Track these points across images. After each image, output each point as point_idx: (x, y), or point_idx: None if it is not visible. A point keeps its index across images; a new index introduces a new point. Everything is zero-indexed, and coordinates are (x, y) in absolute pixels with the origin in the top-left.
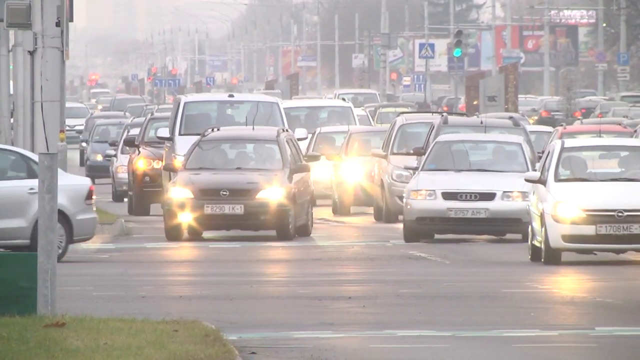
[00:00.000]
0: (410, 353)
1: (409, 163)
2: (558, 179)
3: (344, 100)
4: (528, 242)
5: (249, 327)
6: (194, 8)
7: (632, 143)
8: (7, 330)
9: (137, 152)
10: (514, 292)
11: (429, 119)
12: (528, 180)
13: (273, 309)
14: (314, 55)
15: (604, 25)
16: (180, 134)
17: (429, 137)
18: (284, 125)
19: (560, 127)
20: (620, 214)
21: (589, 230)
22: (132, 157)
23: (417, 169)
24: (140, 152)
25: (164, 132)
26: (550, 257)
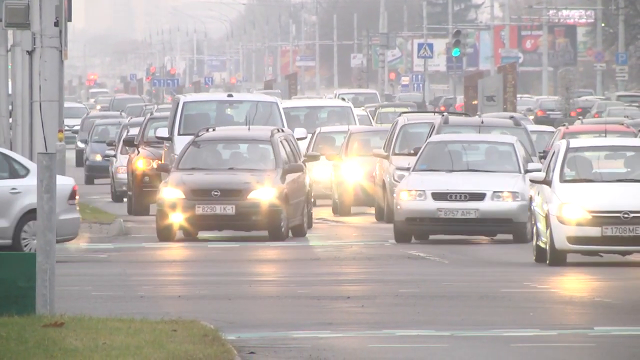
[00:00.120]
0: (409, 353)
1: (403, 163)
2: (563, 180)
3: (344, 100)
4: (532, 242)
5: (248, 326)
6: (193, 8)
7: (637, 143)
8: (5, 330)
9: (136, 152)
10: (513, 292)
11: (431, 119)
12: (533, 181)
13: (272, 309)
14: (313, 55)
15: (603, 25)
16: (179, 134)
17: (430, 137)
18: (284, 125)
19: (563, 126)
20: (626, 216)
21: (595, 232)
22: (131, 157)
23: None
24: (140, 152)
25: (163, 132)
26: (556, 258)
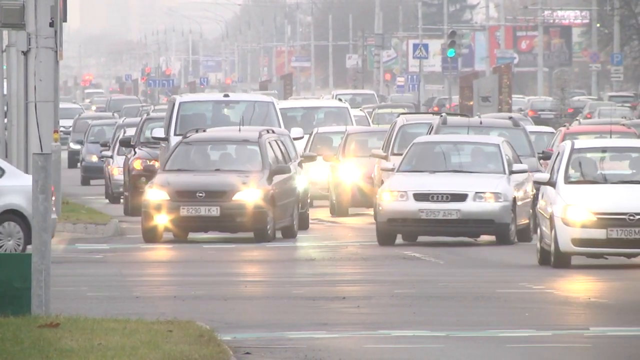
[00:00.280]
0: (405, 353)
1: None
2: (568, 181)
3: (341, 101)
4: (537, 245)
5: (243, 327)
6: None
7: None
8: (1, 331)
9: (133, 152)
10: (508, 292)
11: (430, 120)
12: (537, 182)
13: (267, 309)
14: (308, 56)
15: (598, 26)
16: (176, 134)
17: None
18: (280, 126)
19: (564, 127)
20: (632, 218)
21: (600, 234)
22: (127, 157)
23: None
24: (136, 152)
25: (159, 132)
26: (560, 261)
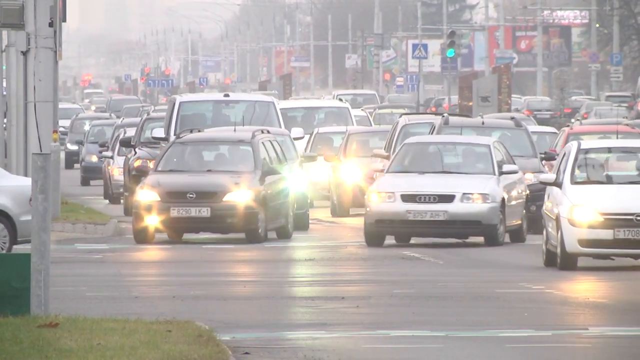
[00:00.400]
0: (404, 353)
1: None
2: (574, 182)
3: (341, 101)
4: (544, 246)
5: (242, 327)
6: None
7: None
8: (0, 331)
9: (133, 152)
10: (507, 292)
11: (432, 120)
12: (543, 183)
13: (266, 309)
14: (307, 56)
15: (597, 26)
16: (176, 134)
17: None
18: (281, 126)
19: (567, 127)
20: (639, 218)
21: (607, 235)
22: (128, 157)
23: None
24: (137, 152)
25: (159, 132)
26: (566, 262)
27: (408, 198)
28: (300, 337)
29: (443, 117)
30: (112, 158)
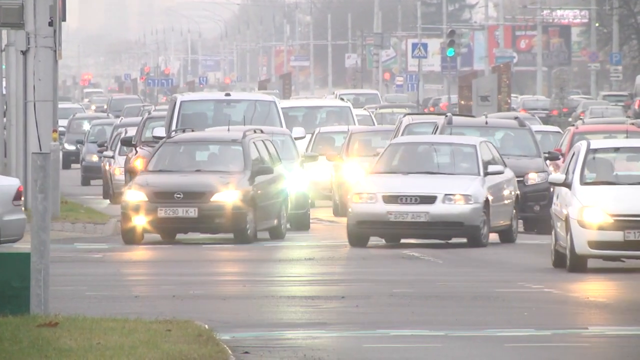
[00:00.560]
0: (403, 352)
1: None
2: (584, 182)
3: (343, 100)
4: (552, 247)
5: (242, 326)
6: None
7: None
8: (0, 330)
9: (134, 151)
10: (507, 291)
11: (435, 119)
12: (552, 183)
13: (266, 309)
14: (307, 55)
15: (597, 25)
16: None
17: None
18: (282, 125)
19: (572, 127)
20: None
21: (617, 236)
22: (129, 157)
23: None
24: (138, 151)
25: (160, 131)
26: (576, 263)
27: (390, 199)
28: (300, 336)
29: (446, 116)
30: (113, 158)
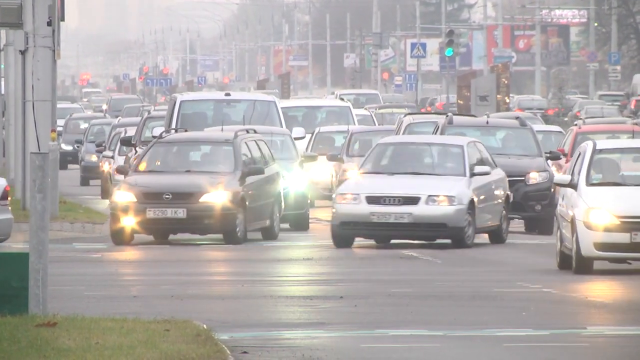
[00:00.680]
0: (402, 352)
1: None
2: (590, 183)
3: (343, 100)
4: (557, 248)
5: (241, 326)
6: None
7: None
8: None
9: (134, 151)
10: (505, 291)
11: (436, 119)
12: (558, 185)
13: (264, 309)
14: (306, 55)
15: (596, 25)
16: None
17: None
18: (282, 125)
19: (575, 126)
20: None
21: (623, 238)
22: (128, 156)
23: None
24: (137, 151)
25: (160, 131)
26: (582, 265)
27: (373, 200)
28: (299, 336)
29: (447, 116)
30: (112, 158)
